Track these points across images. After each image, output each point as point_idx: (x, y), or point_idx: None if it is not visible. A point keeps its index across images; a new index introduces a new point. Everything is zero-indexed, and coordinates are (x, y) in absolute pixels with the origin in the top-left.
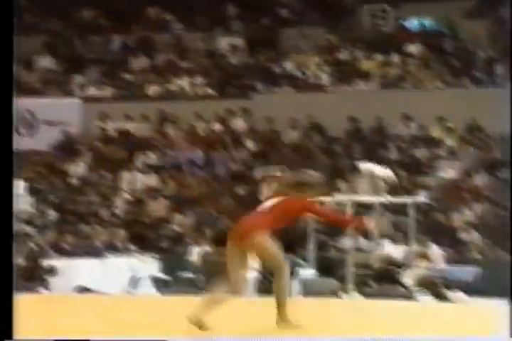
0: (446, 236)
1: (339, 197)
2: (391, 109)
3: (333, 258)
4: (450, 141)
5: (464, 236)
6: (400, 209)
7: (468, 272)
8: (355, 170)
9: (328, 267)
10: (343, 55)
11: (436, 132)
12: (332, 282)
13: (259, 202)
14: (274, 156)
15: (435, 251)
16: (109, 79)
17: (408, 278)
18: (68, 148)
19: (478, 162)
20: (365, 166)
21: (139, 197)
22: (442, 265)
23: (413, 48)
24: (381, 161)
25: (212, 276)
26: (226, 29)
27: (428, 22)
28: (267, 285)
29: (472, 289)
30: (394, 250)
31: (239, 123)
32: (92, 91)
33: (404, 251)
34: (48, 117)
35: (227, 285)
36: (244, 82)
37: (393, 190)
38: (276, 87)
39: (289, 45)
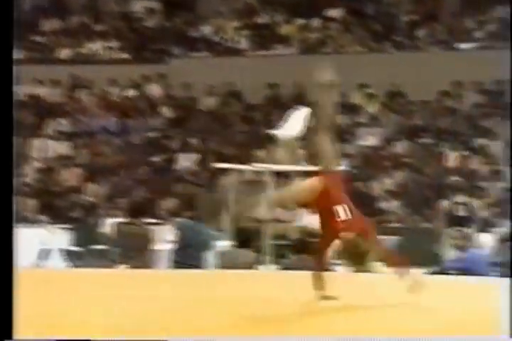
0: (366, 205)
1: (257, 166)
2: (311, 75)
3: (250, 229)
4: (371, 108)
5: (384, 205)
6: None
7: (387, 242)
8: (274, 138)
9: (245, 238)
10: (262, 19)
11: (357, 98)
12: (249, 254)
13: (176, 171)
14: (191, 124)
15: None
16: (19, 42)
17: None
18: None
19: (400, 128)
20: (283, 133)
21: (50, 166)
22: None
23: (334, 12)
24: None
25: (126, 248)
26: None
27: None
28: (182, 257)
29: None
30: (313, 220)
31: (154, 89)
32: None
33: None
34: None
35: None
36: (160, 47)
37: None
38: (193, 51)
39: (207, 8)
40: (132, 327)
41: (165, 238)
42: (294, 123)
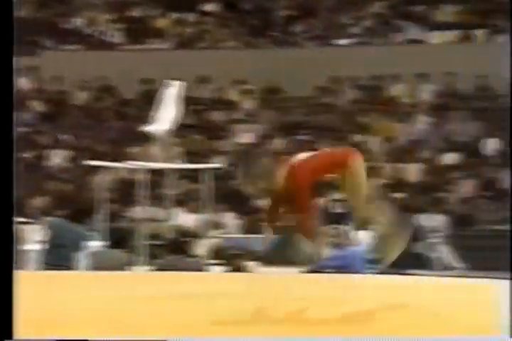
0: (242, 204)
1: (131, 164)
2: (187, 70)
3: (124, 228)
4: (248, 104)
5: (259, 203)
6: (194, 176)
7: (264, 240)
8: (148, 134)
9: (119, 238)
10: (137, 12)
11: (233, 94)
12: (123, 254)
13: (47, 168)
14: (63, 119)
15: (230, 219)
16: None
17: (202, 248)
18: None
19: (277, 125)
20: (156, 128)
21: None
22: (237, 234)
23: (210, 6)
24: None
25: None
26: None
27: None
28: (52, 257)
29: (268, 258)
30: (188, 219)
31: (24, 82)
32: None
33: (198, 221)
34: None
35: None
36: (31, 38)
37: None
38: (65, 44)
39: (81, 0)
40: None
41: (35, 238)
42: (167, 111)
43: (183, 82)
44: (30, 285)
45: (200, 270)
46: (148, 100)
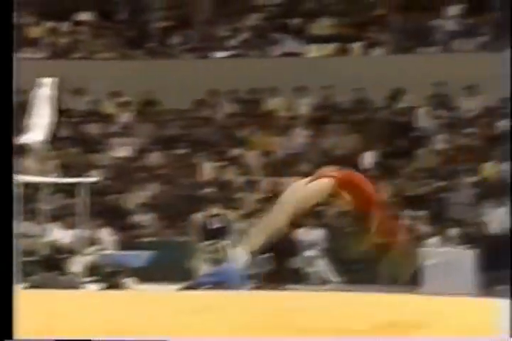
0: (118, 219)
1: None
2: (61, 81)
3: None
4: (125, 117)
5: (137, 218)
6: (69, 190)
7: (140, 257)
8: (22, 146)
9: None
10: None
11: (109, 107)
12: None
13: None
14: None
15: (106, 235)
16: None
17: (77, 265)
18: None
19: (154, 139)
20: (32, 139)
21: None
22: (114, 250)
23: (85, 16)
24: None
25: None
26: None
27: None
28: None
29: (145, 274)
30: (63, 235)
31: None
32: None
33: (73, 236)
34: None
35: None
36: None
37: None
38: None
39: None
40: None
41: None
42: (41, 116)
43: (55, 78)
44: None
45: (75, 287)
46: (20, 111)
